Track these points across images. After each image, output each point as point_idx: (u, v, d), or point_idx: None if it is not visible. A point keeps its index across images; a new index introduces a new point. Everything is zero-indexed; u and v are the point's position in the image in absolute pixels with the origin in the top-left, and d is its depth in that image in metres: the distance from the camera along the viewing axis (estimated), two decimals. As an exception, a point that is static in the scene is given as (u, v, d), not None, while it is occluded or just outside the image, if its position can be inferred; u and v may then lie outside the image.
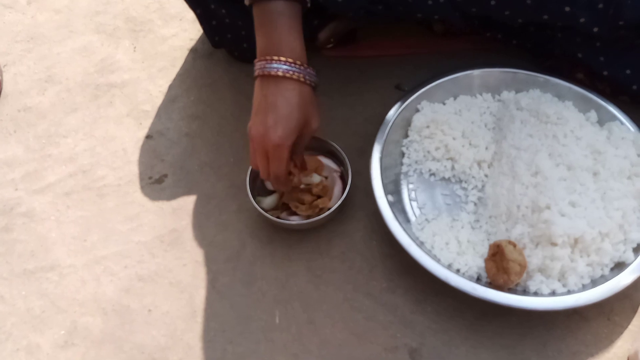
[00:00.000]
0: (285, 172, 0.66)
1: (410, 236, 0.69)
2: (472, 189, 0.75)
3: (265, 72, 0.63)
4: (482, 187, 0.75)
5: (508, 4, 0.75)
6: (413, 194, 0.76)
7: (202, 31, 0.91)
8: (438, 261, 0.67)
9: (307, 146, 0.76)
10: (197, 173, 0.83)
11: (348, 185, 0.74)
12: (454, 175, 0.76)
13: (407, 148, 0.79)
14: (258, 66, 0.64)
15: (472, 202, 0.74)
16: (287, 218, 0.74)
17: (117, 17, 1.01)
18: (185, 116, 0.89)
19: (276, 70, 0.63)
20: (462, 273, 0.67)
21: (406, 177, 0.77)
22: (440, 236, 0.70)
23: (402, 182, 0.77)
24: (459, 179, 0.76)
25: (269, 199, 0.75)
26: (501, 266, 0.65)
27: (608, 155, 0.72)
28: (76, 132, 0.88)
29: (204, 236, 0.77)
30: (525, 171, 0.71)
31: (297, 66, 0.63)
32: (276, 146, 0.63)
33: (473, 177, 0.76)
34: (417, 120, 0.79)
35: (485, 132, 0.78)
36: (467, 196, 0.75)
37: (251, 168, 0.73)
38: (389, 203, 0.71)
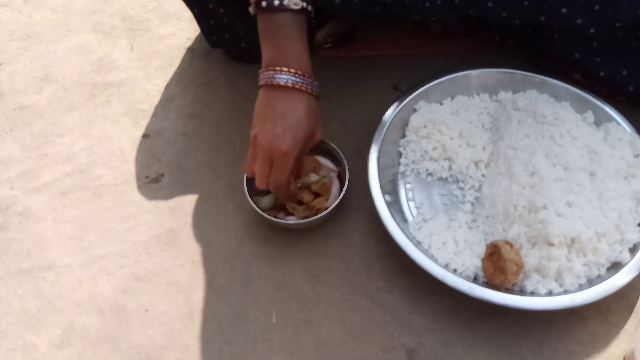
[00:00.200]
0: (287, 181, 0.67)
1: (407, 236, 0.69)
2: (469, 189, 0.75)
3: (273, 82, 0.64)
4: (479, 187, 0.75)
5: (505, 6, 0.76)
6: (410, 194, 0.76)
7: (200, 30, 0.91)
8: (435, 261, 0.67)
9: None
10: (194, 172, 0.83)
11: (345, 185, 0.74)
12: (451, 175, 0.76)
13: (405, 148, 0.79)
14: (265, 76, 0.65)
15: (469, 202, 0.74)
16: (284, 218, 0.74)
17: (114, 16, 1.01)
18: (182, 115, 0.89)
19: (285, 81, 0.64)
20: (459, 273, 0.67)
21: (403, 177, 0.77)
22: (437, 236, 0.70)
23: (400, 182, 0.77)
24: (456, 179, 0.76)
25: (266, 199, 0.75)
26: (498, 266, 0.65)
27: (604, 155, 0.72)
28: (73, 131, 0.88)
29: (201, 236, 0.77)
30: (522, 171, 0.71)
31: (305, 78, 0.65)
32: (284, 155, 0.65)
33: (470, 177, 0.76)
34: (415, 120, 0.79)
35: (482, 133, 0.78)
36: (464, 196, 0.75)
37: (248, 167, 0.73)
38: (387, 203, 0.71)
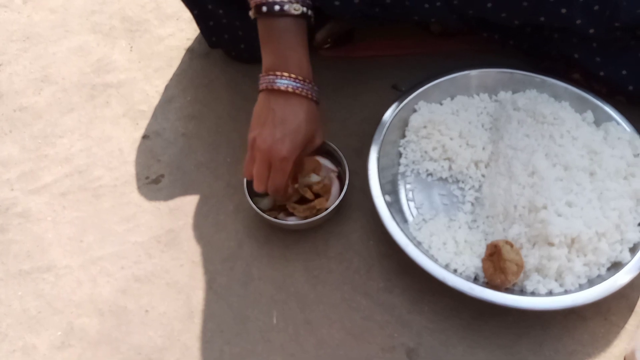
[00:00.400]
0: (285, 185, 0.68)
1: (407, 236, 0.69)
2: (469, 189, 0.75)
3: (274, 87, 0.65)
4: (479, 187, 0.75)
5: (504, 6, 0.76)
6: (410, 194, 0.76)
7: (199, 31, 0.91)
8: (435, 261, 0.67)
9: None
10: (194, 173, 0.83)
11: (345, 185, 0.74)
12: (451, 175, 0.76)
13: (405, 148, 0.79)
14: (265, 81, 0.66)
15: (470, 202, 0.74)
16: (285, 218, 0.74)
17: (113, 17, 1.01)
18: (181, 116, 0.89)
19: (286, 86, 0.64)
20: (460, 273, 0.67)
21: (403, 177, 0.77)
22: (437, 236, 0.70)
23: (400, 182, 0.77)
24: (456, 179, 0.76)
25: (266, 200, 0.74)
26: (498, 266, 0.65)
27: (604, 155, 0.72)
28: (72, 133, 0.88)
29: (201, 236, 0.77)
30: (522, 171, 0.71)
31: (306, 83, 0.65)
32: (282, 159, 0.65)
33: (470, 177, 0.76)
34: (415, 120, 0.79)
35: (482, 133, 0.78)
36: (465, 196, 0.75)
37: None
38: (387, 203, 0.71)
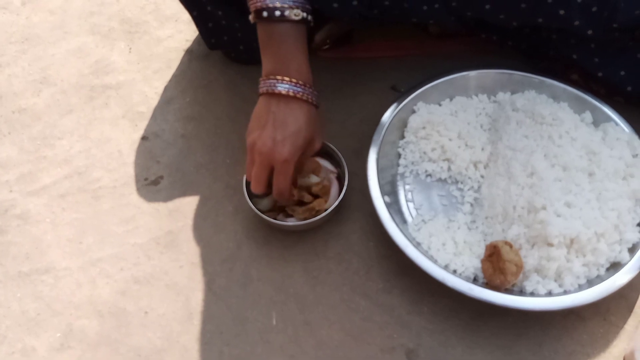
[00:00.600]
0: (289, 187, 0.68)
1: (406, 237, 0.69)
2: (468, 190, 0.75)
3: (275, 91, 0.65)
4: (478, 188, 0.75)
5: (503, 8, 0.76)
6: (409, 195, 0.76)
7: (198, 33, 0.91)
8: (435, 262, 0.67)
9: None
10: (193, 174, 0.83)
11: (345, 186, 0.74)
12: (450, 176, 0.77)
13: (404, 149, 0.79)
14: (265, 84, 0.66)
15: (469, 203, 0.74)
16: (284, 219, 0.74)
17: (112, 19, 1.01)
18: (180, 117, 0.89)
19: (287, 90, 0.65)
20: (459, 274, 0.67)
21: (402, 178, 0.77)
22: (436, 237, 0.70)
23: (399, 183, 0.77)
24: (455, 180, 0.76)
25: (265, 201, 0.74)
26: (497, 267, 0.65)
27: (603, 156, 0.72)
28: (71, 134, 0.88)
29: (200, 238, 0.77)
30: (520, 172, 0.71)
31: (306, 88, 0.66)
32: (284, 161, 0.65)
33: (469, 178, 0.76)
34: (413, 121, 0.79)
35: (481, 133, 0.78)
36: (464, 197, 0.75)
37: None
38: (386, 204, 0.71)
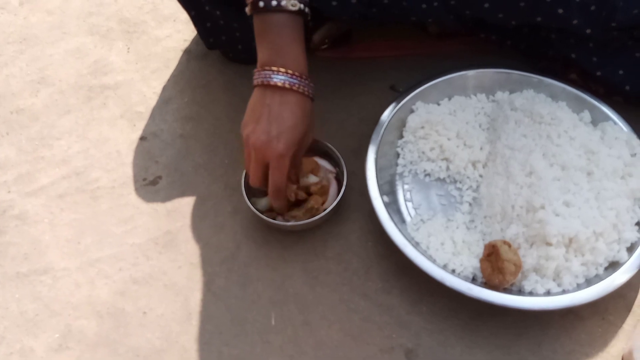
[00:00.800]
0: (285, 183, 0.67)
1: (405, 237, 0.69)
2: (467, 190, 0.75)
3: (270, 83, 0.63)
4: (477, 188, 0.75)
5: (501, 7, 0.76)
6: (408, 195, 0.76)
7: (196, 32, 0.91)
8: (433, 262, 0.67)
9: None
10: (192, 174, 0.82)
11: (343, 186, 0.74)
12: (449, 175, 0.77)
13: (402, 149, 0.79)
14: (260, 76, 0.64)
15: (467, 203, 0.74)
16: (283, 220, 0.73)
17: (111, 19, 1.01)
18: (179, 118, 0.88)
19: (282, 82, 0.63)
20: (458, 273, 0.67)
21: (401, 178, 0.77)
22: (435, 237, 0.70)
23: (397, 183, 0.77)
24: (454, 180, 0.76)
25: (264, 201, 0.74)
26: (496, 266, 0.65)
27: (602, 155, 0.72)
28: (69, 134, 0.88)
29: (199, 238, 0.77)
30: (519, 171, 0.71)
31: (302, 79, 0.64)
32: (279, 156, 0.64)
33: (468, 178, 0.76)
34: (412, 121, 0.79)
35: (479, 133, 0.78)
36: (462, 196, 0.75)
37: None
38: (384, 204, 0.71)
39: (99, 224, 0.79)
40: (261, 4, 0.63)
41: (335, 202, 0.73)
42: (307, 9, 0.65)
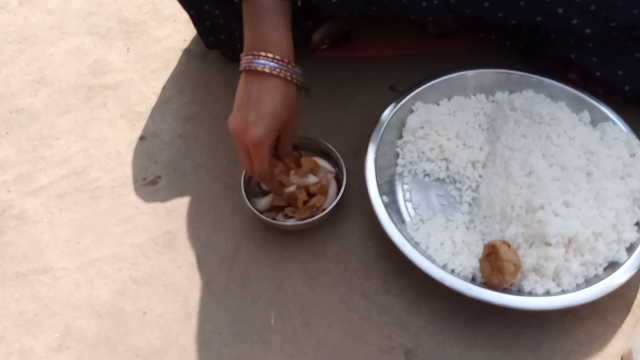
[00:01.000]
0: (268, 170, 0.66)
1: (405, 237, 0.69)
2: (467, 190, 0.75)
3: (251, 68, 0.62)
4: (476, 188, 0.75)
5: (501, 6, 0.76)
6: (408, 195, 0.76)
7: (196, 32, 0.91)
8: (433, 262, 0.67)
9: (301, 147, 0.76)
10: (191, 174, 0.82)
11: (343, 186, 0.74)
12: (449, 175, 0.77)
13: (402, 149, 0.79)
14: (244, 60, 0.63)
15: (467, 203, 0.74)
16: (282, 219, 0.73)
17: (110, 19, 1.01)
18: (179, 117, 0.88)
19: (263, 66, 0.62)
20: (457, 273, 0.67)
21: (401, 178, 0.77)
22: (435, 237, 0.70)
23: (397, 183, 0.77)
24: (453, 180, 0.76)
25: (264, 201, 0.74)
26: (496, 266, 0.65)
27: (601, 155, 0.72)
28: (69, 134, 0.88)
29: (199, 238, 0.77)
30: (519, 171, 0.71)
31: (284, 64, 0.62)
32: (256, 144, 0.63)
33: (467, 178, 0.76)
34: (412, 121, 0.79)
35: (479, 133, 0.78)
36: (462, 197, 0.75)
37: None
38: (384, 204, 0.71)
39: (99, 224, 0.79)
40: None
41: (334, 202, 0.73)
42: None
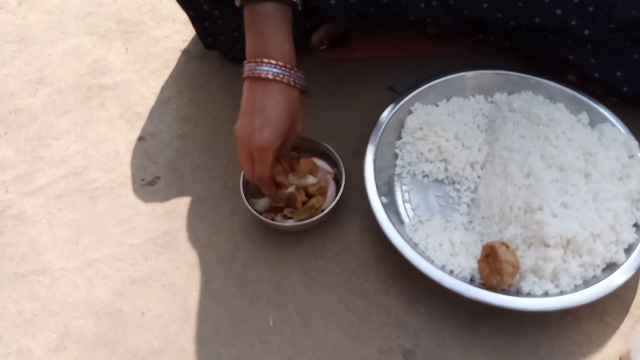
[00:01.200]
0: (269, 175, 0.66)
1: (403, 237, 0.69)
2: (465, 191, 0.75)
3: (255, 74, 0.63)
4: (475, 189, 0.75)
5: (500, 7, 0.76)
6: (406, 196, 0.76)
7: (195, 33, 0.91)
8: (432, 262, 0.67)
9: (300, 148, 0.76)
10: (190, 175, 0.82)
11: (342, 187, 0.74)
12: (447, 176, 0.77)
13: (401, 150, 0.79)
14: (247, 68, 0.64)
15: (465, 204, 0.75)
16: (281, 220, 0.73)
17: (109, 19, 1.01)
18: (177, 118, 0.88)
19: (266, 73, 0.63)
20: (456, 274, 0.67)
21: (399, 179, 0.77)
22: (433, 237, 0.70)
23: (396, 184, 0.77)
24: (452, 181, 0.77)
25: (263, 201, 0.74)
26: (494, 267, 0.65)
27: (599, 156, 0.72)
28: (68, 134, 0.88)
29: (197, 238, 0.77)
30: (517, 172, 0.71)
31: (287, 70, 0.63)
32: (262, 149, 0.64)
33: (466, 179, 0.76)
34: (410, 121, 0.79)
35: (478, 134, 0.78)
36: (460, 197, 0.75)
37: (245, 170, 0.73)
38: (383, 205, 0.71)
39: (97, 224, 0.79)
40: None
41: (333, 203, 0.73)
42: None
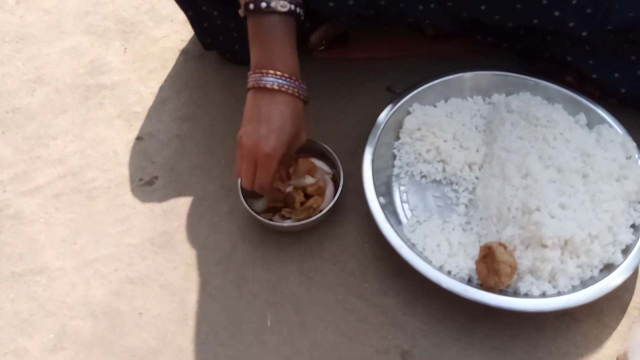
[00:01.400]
0: (270, 182, 0.67)
1: (401, 238, 0.69)
2: (463, 191, 0.76)
3: (260, 85, 0.65)
4: (473, 189, 0.75)
5: (498, 8, 0.76)
6: (404, 196, 0.76)
7: (194, 33, 0.91)
8: (429, 263, 0.67)
9: (299, 148, 0.76)
10: (188, 175, 0.82)
11: (340, 187, 0.74)
12: (445, 177, 0.77)
13: (399, 150, 0.79)
14: (252, 78, 0.66)
15: (463, 204, 0.75)
16: (279, 220, 0.73)
17: (108, 18, 1.01)
18: (176, 118, 0.88)
19: (271, 83, 0.64)
20: (453, 275, 0.67)
21: (398, 179, 0.77)
22: (431, 238, 0.70)
23: (394, 184, 0.77)
24: (450, 181, 0.77)
25: (261, 201, 0.74)
26: (492, 268, 0.65)
27: (597, 157, 0.72)
28: (66, 134, 0.87)
29: (195, 238, 0.77)
30: (515, 173, 0.72)
31: (292, 81, 0.65)
32: (267, 156, 0.65)
33: (464, 179, 0.76)
34: (409, 122, 0.79)
35: (475, 135, 0.78)
36: (458, 198, 0.75)
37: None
38: (381, 205, 0.71)
39: (95, 224, 0.79)
40: (251, 6, 0.64)
41: (331, 203, 0.73)
42: (299, 10, 0.66)
